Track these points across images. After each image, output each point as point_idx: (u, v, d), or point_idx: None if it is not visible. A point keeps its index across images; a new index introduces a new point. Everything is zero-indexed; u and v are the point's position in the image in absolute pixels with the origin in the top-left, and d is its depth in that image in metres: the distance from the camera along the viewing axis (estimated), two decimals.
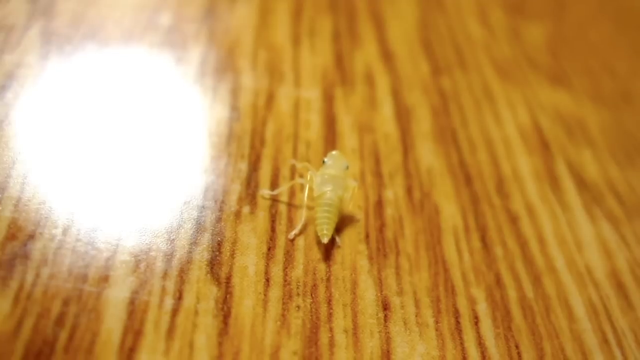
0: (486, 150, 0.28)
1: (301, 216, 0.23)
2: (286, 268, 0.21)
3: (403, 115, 0.29)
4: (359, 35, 0.33)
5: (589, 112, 0.33)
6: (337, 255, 0.22)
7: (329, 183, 0.22)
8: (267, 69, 0.29)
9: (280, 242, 0.22)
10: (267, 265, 0.21)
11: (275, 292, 0.21)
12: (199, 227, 0.22)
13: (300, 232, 0.22)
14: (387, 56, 0.32)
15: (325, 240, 0.21)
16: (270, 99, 0.27)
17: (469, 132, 0.29)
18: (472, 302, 0.22)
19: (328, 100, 0.28)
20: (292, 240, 0.22)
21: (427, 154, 0.27)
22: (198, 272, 0.21)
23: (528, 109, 0.32)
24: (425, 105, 0.30)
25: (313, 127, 0.26)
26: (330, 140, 0.26)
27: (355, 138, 0.27)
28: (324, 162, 0.23)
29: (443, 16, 0.37)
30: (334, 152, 0.23)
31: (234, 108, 0.26)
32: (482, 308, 0.22)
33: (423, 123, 0.29)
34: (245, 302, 0.20)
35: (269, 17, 0.32)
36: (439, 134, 0.28)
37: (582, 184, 0.29)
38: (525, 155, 0.29)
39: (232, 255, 0.21)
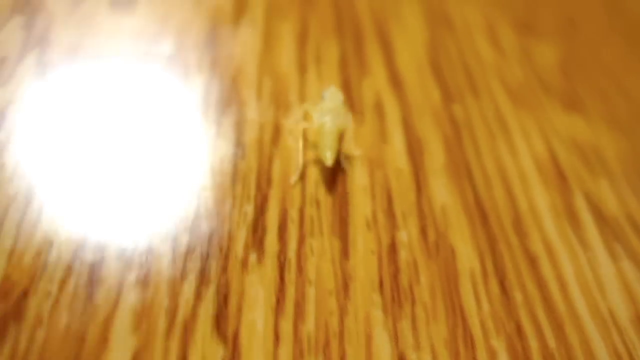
0: (502, 185, 0.27)
1: (298, 161, 0.24)
2: (296, 322, 0.20)
3: (415, 148, 0.27)
4: (366, 60, 0.31)
5: (604, 138, 0.32)
6: (350, 306, 0.21)
7: (328, 114, 0.23)
8: (272, 99, 0.27)
9: (290, 293, 0.21)
10: (276, 320, 0.20)
11: (286, 350, 0.19)
12: (204, 279, 0.20)
13: (300, 177, 0.23)
14: (396, 83, 0.31)
15: (329, 162, 0.23)
16: (277, 132, 0.26)
17: (483, 164, 0.28)
18: (492, 354, 0.21)
19: None
20: (293, 186, 0.23)
21: (441, 191, 0.26)
22: (203, 329, 0.19)
23: (543, 137, 0.31)
24: (437, 136, 0.28)
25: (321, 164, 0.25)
26: (341, 178, 0.25)
27: (366, 174, 0.25)
28: (322, 97, 0.25)
29: (452, 37, 0.36)
30: (331, 88, 0.25)
31: (239, 144, 0.25)
32: None
33: (436, 156, 0.27)
34: None
35: (273, 42, 0.30)
36: (452, 168, 0.27)
37: (601, 218, 0.27)
38: (542, 189, 0.28)
39: (239, 309, 0.20)
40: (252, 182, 0.23)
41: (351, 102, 0.29)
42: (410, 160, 0.27)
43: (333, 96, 0.24)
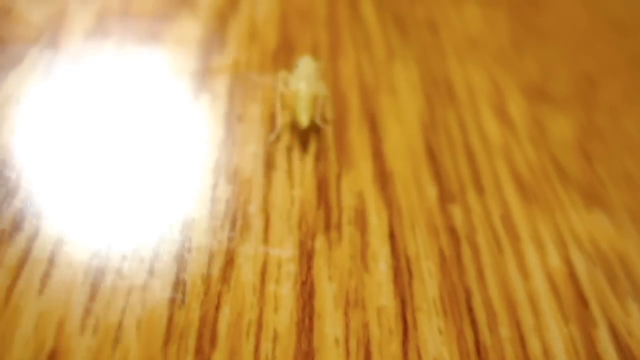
0: (509, 321, 0.22)
1: (277, 121, 0.25)
2: None
3: (404, 274, 0.22)
4: (349, 148, 0.26)
5: (632, 241, 0.27)
6: None
7: (303, 80, 0.25)
8: (228, 213, 0.22)
9: None
10: None
11: None
12: None
13: (278, 138, 0.25)
14: (383, 178, 0.25)
15: (305, 123, 0.24)
16: (229, 263, 0.21)
17: (487, 293, 0.23)
18: None
19: (306, 258, 0.21)
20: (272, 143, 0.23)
21: (434, 337, 0.21)
22: None
23: (559, 244, 0.25)
24: (431, 254, 0.23)
25: (284, 308, 0.20)
26: (307, 328, 0.20)
27: (340, 321, 0.20)
28: (297, 66, 0.26)
29: (454, 109, 0.30)
30: (305, 57, 0.26)
31: (178, 284, 0.19)
32: None
33: (429, 285, 0.22)
34: None
35: (236, 128, 0.25)
36: (449, 300, 0.22)
37: None
38: (558, 322, 0.23)
39: None
40: (190, 342, 0.18)
41: (327, 210, 0.23)
42: (396, 292, 0.22)
43: (307, 65, 0.26)
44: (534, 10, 0.40)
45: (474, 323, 0.21)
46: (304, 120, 0.24)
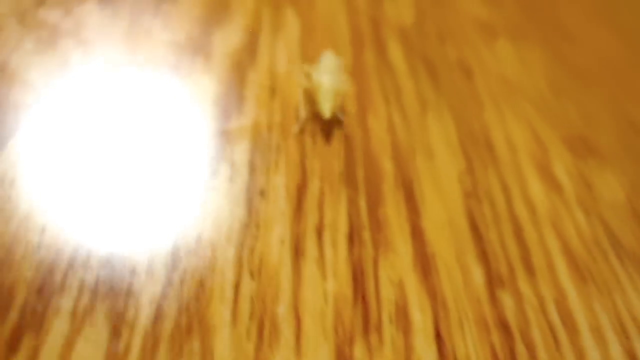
0: None
1: (301, 113, 0.26)
2: None
3: None
4: (385, 227, 0.23)
5: None
6: None
7: (326, 74, 0.25)
8: (254, 316, 0.19)
9: None
10: None
11: None
12: None
13: (302, 128, 0.26)
14: (425, 263, 0.23)
15: (328, 114, 0.24)
16: None
17: None
18: None
19: None
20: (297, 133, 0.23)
21: None
22: None
23: (620, 333, 0.23)
24: (484, 355, 0.20)
25: None
26: None
27: None
28: (320, 60, 0.26)
29: (495, 171, 0.27)
30: (327, 52, 0.27)
31: None
32: None
33: None
34: None
35: (258, 204, 0.22)
36: None
37: None
38: None
39: None
40: None
41: (365, 307, 0.21)
42: None
43: (329, 59, 0.26)
44: (568, 46, 0.37)
45: None
46: (326, 111, 0.25)
